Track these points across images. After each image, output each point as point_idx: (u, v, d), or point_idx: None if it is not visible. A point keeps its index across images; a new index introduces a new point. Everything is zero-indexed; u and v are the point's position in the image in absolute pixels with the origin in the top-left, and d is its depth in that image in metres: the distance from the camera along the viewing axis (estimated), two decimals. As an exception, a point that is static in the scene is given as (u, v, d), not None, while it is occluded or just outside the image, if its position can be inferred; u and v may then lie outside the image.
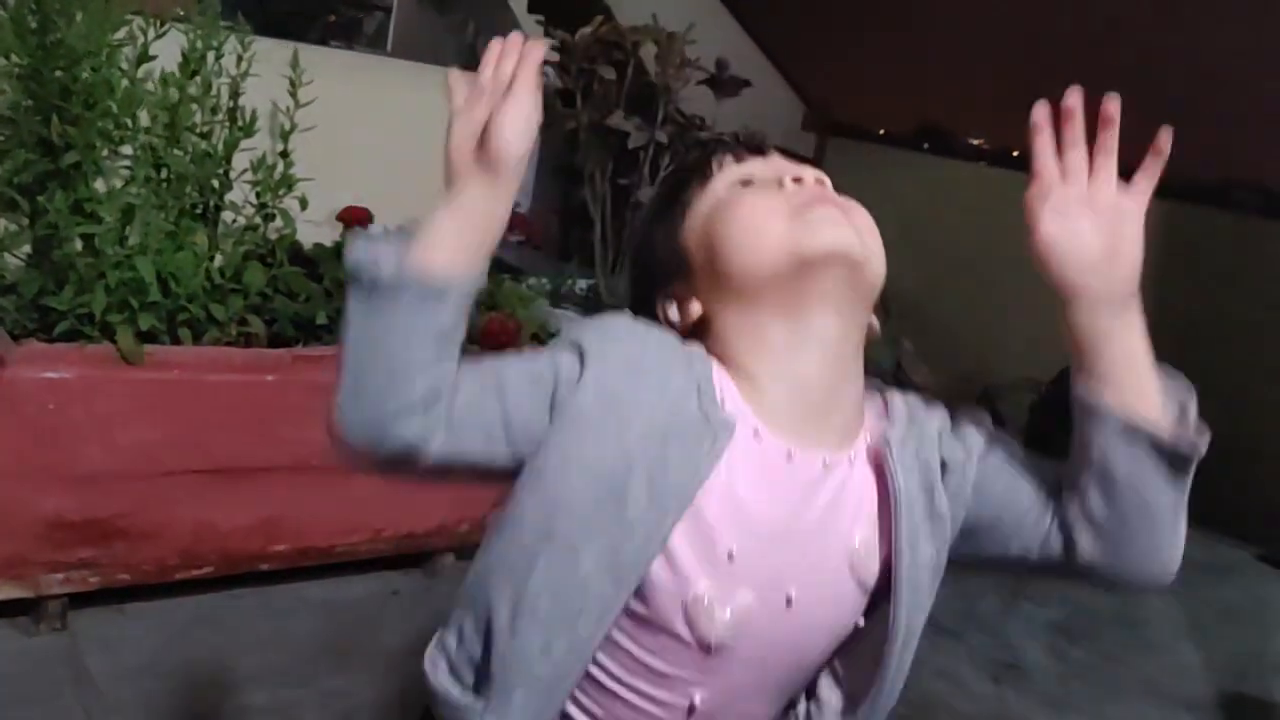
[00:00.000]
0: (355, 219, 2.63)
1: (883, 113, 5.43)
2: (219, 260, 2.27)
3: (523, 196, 4.63)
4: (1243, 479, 3.91)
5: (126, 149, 2.18)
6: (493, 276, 2.78)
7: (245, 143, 2.34)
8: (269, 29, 2.60)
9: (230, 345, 2.20)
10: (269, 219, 2.40)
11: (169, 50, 2.25)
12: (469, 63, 0.88)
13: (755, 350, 0.90)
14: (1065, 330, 0.89)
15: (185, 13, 2.32)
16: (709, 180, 0.96)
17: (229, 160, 2.35)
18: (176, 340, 2.15)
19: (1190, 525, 0.90)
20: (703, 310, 0.93)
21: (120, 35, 2.15)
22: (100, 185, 2.14)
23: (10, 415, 1.97)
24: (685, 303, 0.94)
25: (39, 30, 2.06)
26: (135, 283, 2.07)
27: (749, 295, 0.90)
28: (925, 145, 5.27)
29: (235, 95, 2.37)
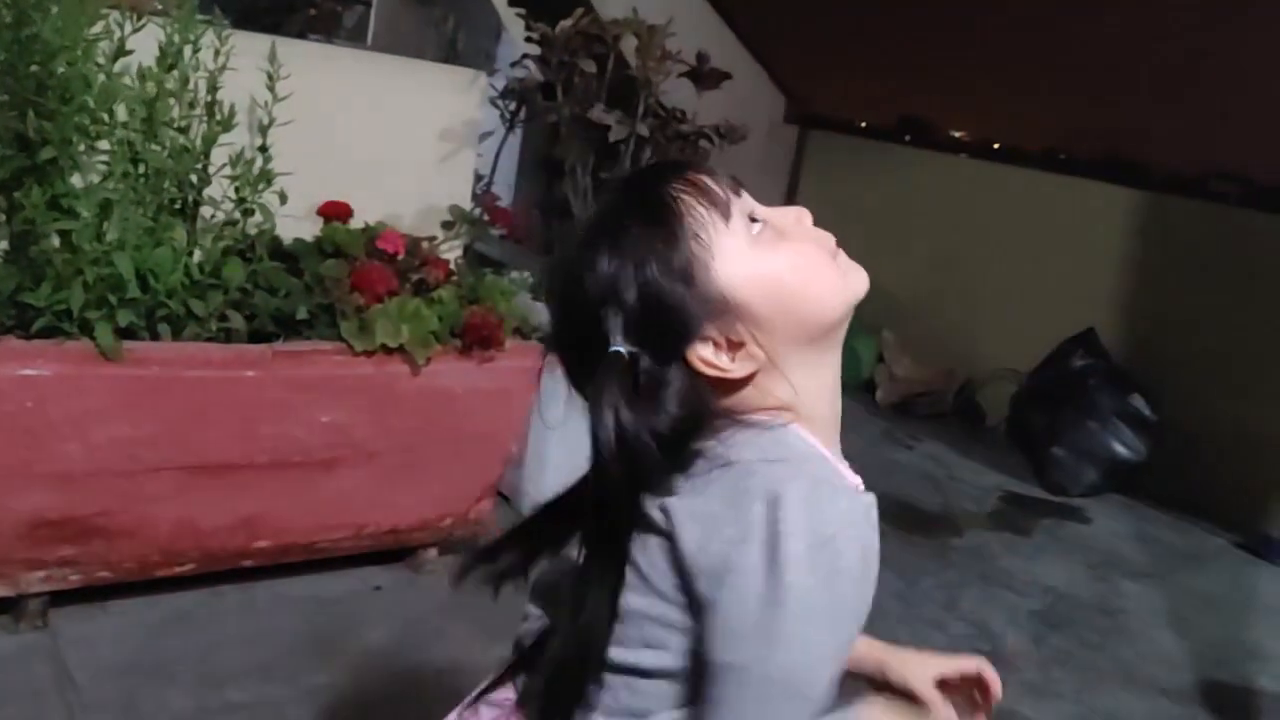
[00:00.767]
0: (335, 213, 2.62)
1: (864, 105, 5.45)
2: (198, 256, 2.26)
3: (504, 190, 4.63)
4: (1221, 467, 3.95)
5: (104, 144, 2.16)
6: (474, 270, 2.78)
7: (224, 137, 2.33)
8: (247, 22, 2.58)
9: (210, 341, 2.19)
10: (248, 214, 2.38)
11: (146, 44, 2.23)
12: (449, 57, 0.87)
13: (817, 390, 0.99)
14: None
15: (162, 6, 2.31)
16: (730, 218, 0.96)
17: (207, 155, 2.33)
18: (156, 336, 2.14)
19: (1170, 513, 0.93)
20: (766, 355, 0.95)
21: (96, 29, 2.13)
22: (77, 181, 2.13)
23: (-12, 413, 1.95)
24: (739, 348, 0.95)
25: (14, 25, 2.04)
26: (114, 279, 2.06)
27: (815, 340, 0.97)
28: (906, 138, 5.30)
29: (213, 89, 2.35)
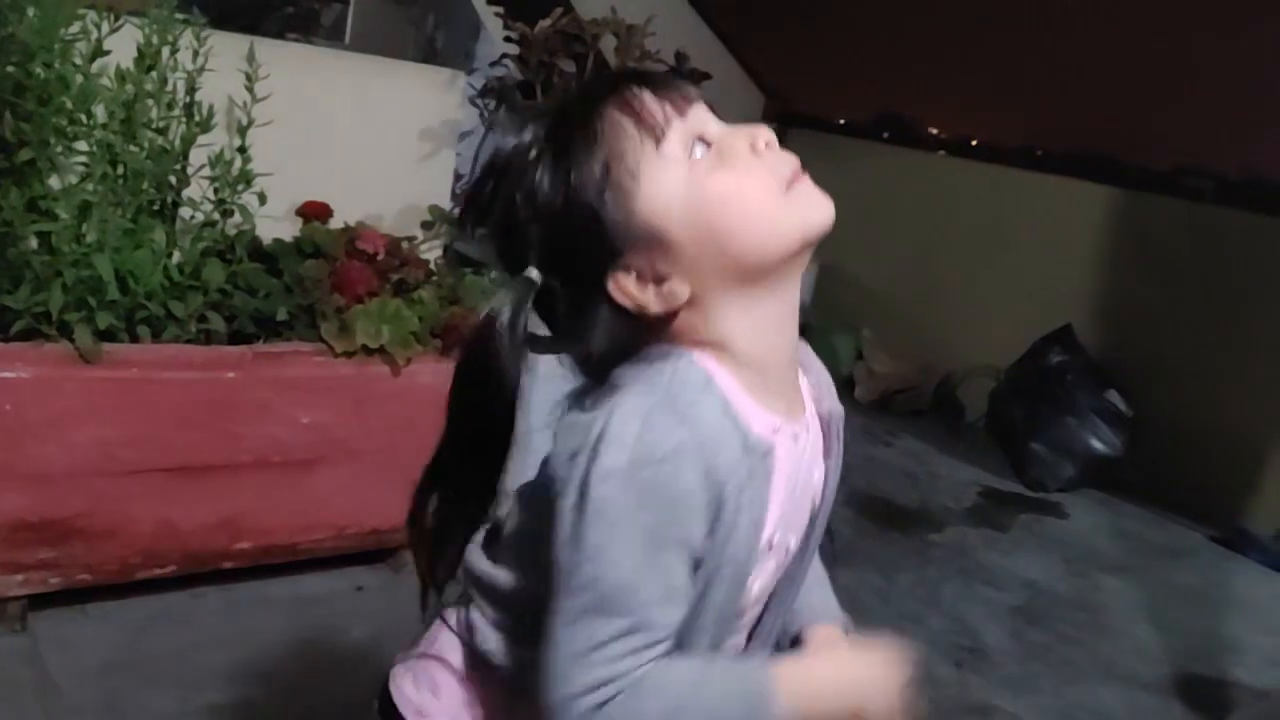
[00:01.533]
0: (315, 214, 2.61)
1: (842, 102, 5.46)
2: (177, 257, 2.25)
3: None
4: (1197, 462, 3.98)
5: (82, 145, 2.16)
6: (455, 270, 2.78)
7: (203, 138, 2.32)
8: (225, 21, 2.57)
9: (190, 343, 2.18)
10: (228, 215, 2.38)
11: (124, 45, 2.22)
12: (428, 56, 0.87)
13: (753, 331, 0.88)
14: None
15: (140, 7, 2.30)
16: (663, 142, 0.87)
17: (186, 156, 2.33)
18: (135, 338, 2.13)
19: (1146, 508, 0.94)
20: (691, 291, 0.86)
21: (74, 30, 2.12)
22: (55, 182, 2.12)
23: (-34, 416, 1.94)
24: (664, 282, 0.86)
25: (-10, 26, 2.04)
26: (93, 281, 2.05)
27: (752, 277, 0.86)
28: (884, 134, 5.31)
29: (192, 90, 2.34)
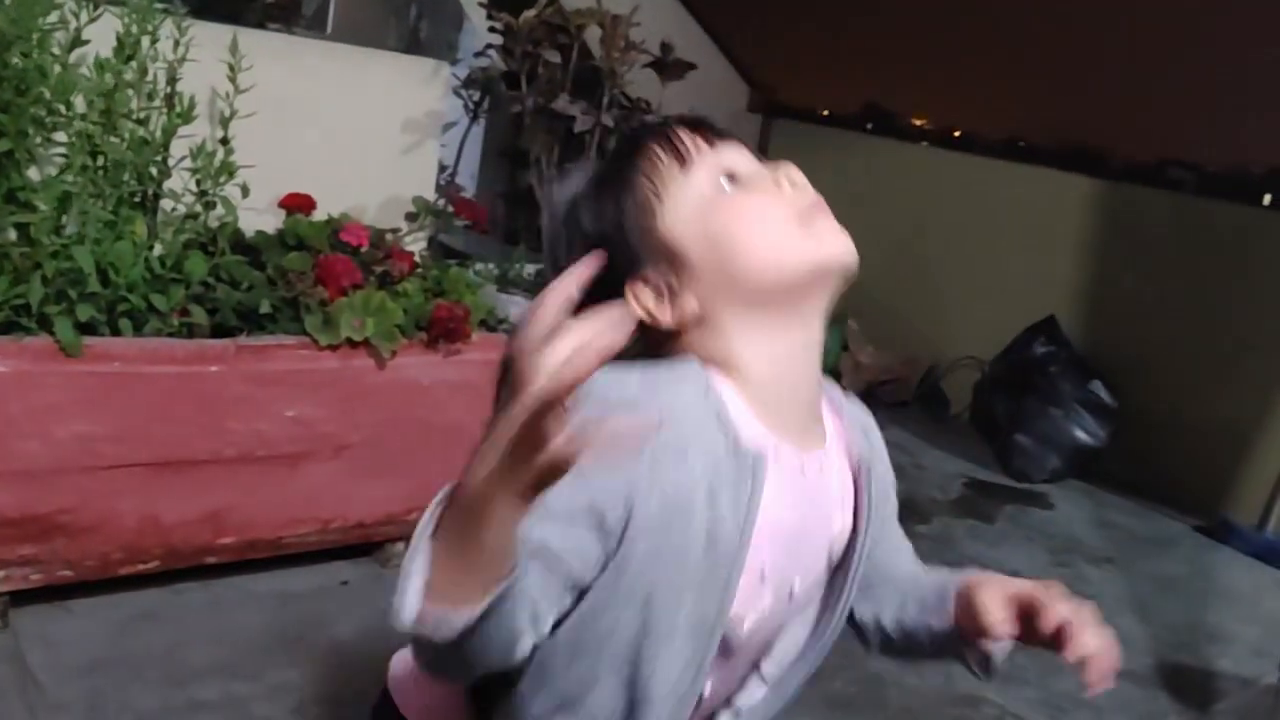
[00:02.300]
0: (298, 205, 2.59)
1: (826, 94, 5.46)
2: (159, 249, 2.24)
3: (468, 181, 4.61)
4: (1181, 452, 4.00)
5: (61, 136, 2.14)
6: (439, 262, 2.76)
7: (184, 129, 2.30)
8: (206, 9, 2.55)
9: (172, 336, 2.16)
10: (210, 207, 2.36)
11: (103, 34, 2.20)
12: (411, 47, 0.86)
13: (762, 357, 0.89)
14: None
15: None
16: (689, 167, 0.91)
17: (167, 147, 2.30)
18: (117, 331, 2.11)
19: (1131, 499, 0.95)
20: (700, 309, 0.90)
21: (52, 19, 2.10)
22: (34, 173, 2.10)
23: (-56, 410, 1.92)
24: (677, 297, 0.90)
25: (-34, 16, 2.01)
26: (73, 273, 2.03)
27: (759, 300, 0.89)
28: (869, 126, 5.31)
29: (172, 80, 2.32)
